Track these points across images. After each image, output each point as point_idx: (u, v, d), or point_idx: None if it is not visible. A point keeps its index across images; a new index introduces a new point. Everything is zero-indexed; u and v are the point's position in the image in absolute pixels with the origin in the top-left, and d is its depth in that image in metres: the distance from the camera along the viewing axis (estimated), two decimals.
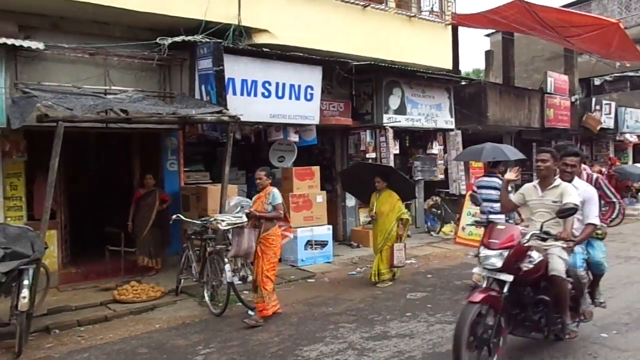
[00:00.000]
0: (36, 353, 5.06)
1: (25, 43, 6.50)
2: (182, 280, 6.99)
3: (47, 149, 7.41)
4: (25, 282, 4.99)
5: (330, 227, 9.08)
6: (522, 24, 11.83)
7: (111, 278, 7.60)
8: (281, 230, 6.07)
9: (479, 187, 7.23)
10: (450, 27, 11.50)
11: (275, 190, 5.98)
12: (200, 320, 6.00)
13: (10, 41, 6.32)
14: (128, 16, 7.26)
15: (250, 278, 6.68)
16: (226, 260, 6.10)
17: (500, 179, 7.13)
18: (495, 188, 6.91)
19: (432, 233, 11.72)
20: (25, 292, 4.92)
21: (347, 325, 5.56)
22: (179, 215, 7.18)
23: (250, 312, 6.06)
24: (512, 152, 8.52)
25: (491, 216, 6.50)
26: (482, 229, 4.61)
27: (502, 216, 6.59)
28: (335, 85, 10.23)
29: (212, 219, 6.36)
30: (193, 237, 6.95)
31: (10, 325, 4.99)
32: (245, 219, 6.03)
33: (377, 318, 5.82)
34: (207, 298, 6.38)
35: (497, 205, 6.69)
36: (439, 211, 12.02)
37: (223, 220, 6.14)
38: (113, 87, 7.51)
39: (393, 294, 6.89)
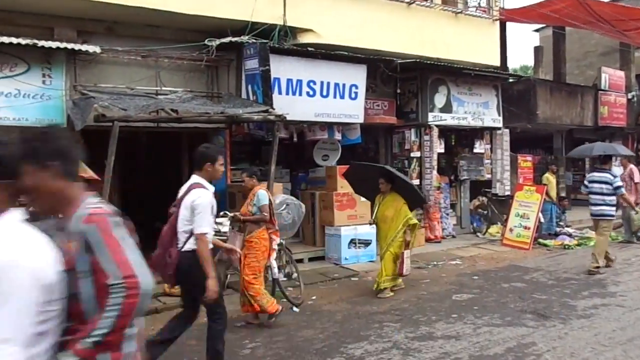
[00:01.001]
0: None
1: (84, 47, 6.83)
2: (229, 276, 7.15)
3: (102, 148, 7.78)
4: None
5: (374, 225, 9.03)
6: (575, 18, 11.40)
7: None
8: (268, 233, 5.70)
9: (591, 182, 7.86)
10: (497, 22, 11.23)
11: (261, 192, 5.73)
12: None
13: (70, 45, 6.66)
14: (178, 19, 7.49)
15: (295, 275, 6.78)
16: (273, 257, 6.19)
17: (612, 174, 7.48)
18: (606, 183, 7.60)
19: (478, 234, 11.48)
20: None
21: (391, 325, 5.55)
22: (225, 212, 7.33)
23: (295, 309, 6.15)
24: (622, 149, 9.36)
25: (604, 208, 7.55)
26: (529, 230, 4.56)
27: (613, 209, 7.60)
28: (379, 84, 10.19)
29: None
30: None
31: None
32: (225, 228, 5.78)
33: (422, 318, 5.77)
34: None
35: (609, 199, 7.63)
36: (485, 212, 11.77)
37: None
38: (164, 88, 7.77)
39: (438, 294, 6.81)
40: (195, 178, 4.06)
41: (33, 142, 1.84)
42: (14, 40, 6.20)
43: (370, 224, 7.16)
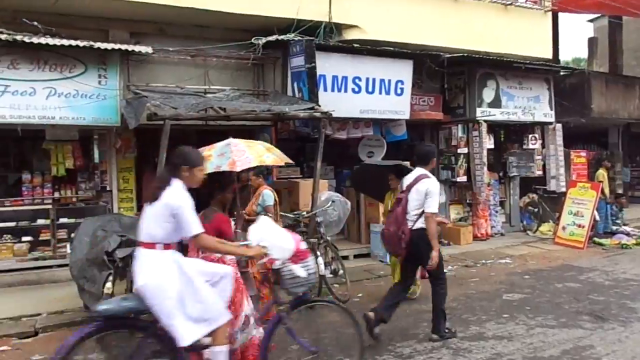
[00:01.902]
0: None
1: (137, 48, 7.05)
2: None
3: (153, 145, 8.00)
4: None
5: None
6: (635, 6, 10.82)
7: None
8: None
9: None
10: (550, 13, 10.82)
11: (267, 191, 5.68)
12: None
13: (124, 47, 6.90)
14: (225, 18, 7.62)
15: (341, 272, 6.77)
16: (318, 253, 6.22)
17: None
18: None
19: (529, 232, 11.13)
20: None
21: None
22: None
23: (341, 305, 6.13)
24: None
25: None
26: (584, 229, 4.39)
27: None
28: (425, 79, 10.03)
29: None
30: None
31: None
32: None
33: (472, 318, 5.64)
34: None
35: None
36: (535, 209, 11.39)
37: None
38: (212, 87, 7.94)
39: (488, 294, 6.65)
40: (420, 170, 4.98)
41: None
42: (73, 42, 6.48)
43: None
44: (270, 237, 3.65)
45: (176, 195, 3.27)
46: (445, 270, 5.33)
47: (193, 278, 3.31)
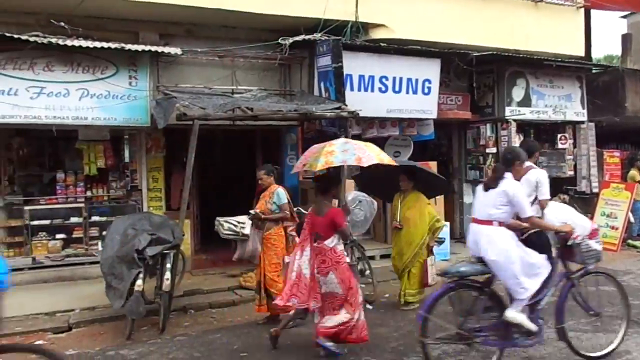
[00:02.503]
0: (176, 330, 5.58)
1: (166, 49, 7.17)
2: None
3: (181, 145, 8.11)
4: (168, 265, 5.54)
5: (448, 224, 8.81)
6: None
7: (236, 265, 8.08)
8: (289, 231, 5.83)
9: None
10: (582, 10, 10.55)
11: (280, 190, 5.68)
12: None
13: (154, 48, 7.02)
14: (252, 19, 7.67)
15: (368, 272, 6.75)
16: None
17: None
18: None
19: None
20: (167, 274, 5.47)
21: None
22: (299, 208, 7.43)
23: (368, 306, 6.11)
24: None
25: None
26: (617, 231, 4.37)
27: None
28: (453, 78, 9.90)
29: (216, 221, 5.89)
30: None
31: (154, 304, 5.56)
32: (247, 230, 5.63)
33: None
34: None
35: None
36: None
37: (222, 225, 5.73)
38: (239, 87, 8.01)
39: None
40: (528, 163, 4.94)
41: None
42: (105, 44, 6.63)
43: (397, 227, 6.22)
44: (572, 217, 4.57)
45: (512, 185, 4.18)
46: None
47: (521, 245, 4.24)
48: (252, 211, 5.67)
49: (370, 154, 4.75)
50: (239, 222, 5.69)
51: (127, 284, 5.31)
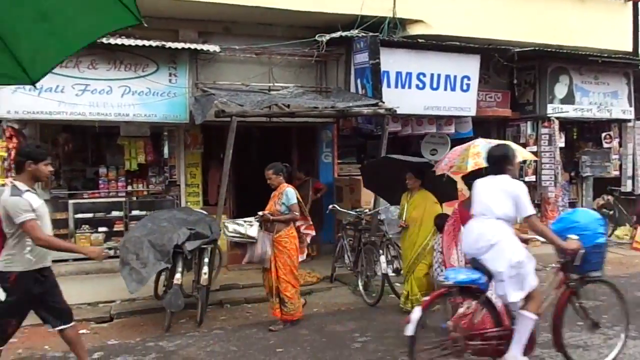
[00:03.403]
0: (213, 323, 5.66)
1: (205, 47, 7.27)
2: (337, 269, 7.23)
3: (218, 141, 8.22)
4: (206, 259, 5.62)
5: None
6: None
7: None
8: (302, 229, 5.64)
9: None
10: (630, 3, 10.12)
11: (290, 189, 5.43)
12: (355, 308, 6.16)
13: (193, 46, 7.13)
14: (290, 16, 7.69)
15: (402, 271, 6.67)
16: (381, 252, 6.16)
17: None
18: None
19: None
20: (205, 269, 5.55)
21: None
22: (334, 205, 7.44)
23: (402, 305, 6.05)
24: None
25: None
26: None
27: None
28: (492, 74, 9.67)
29: (221, 224, 5.80)
30: (347, 227, 7.15)
31: (192, 298, 5.65)
32: (254, 232, 5.35)
33: (543, 324, 5.33)
34: (360, 287, 6.52)
35: None
36: (610, 212, 10.69)
37: (227, 227, 5.49)
38: (276, 84, 8.04)
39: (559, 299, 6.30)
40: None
41: None
42: (146, 43, 6.77)
43: (403, 227, 5.87)
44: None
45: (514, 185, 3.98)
46: None
47: None
48: (260, 212, 5.45)
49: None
50: (245, 222, 5.43)
51: (151, 273, 5.33)
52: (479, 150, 4.86)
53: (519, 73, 9.60)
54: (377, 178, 6.52)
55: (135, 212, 7.87)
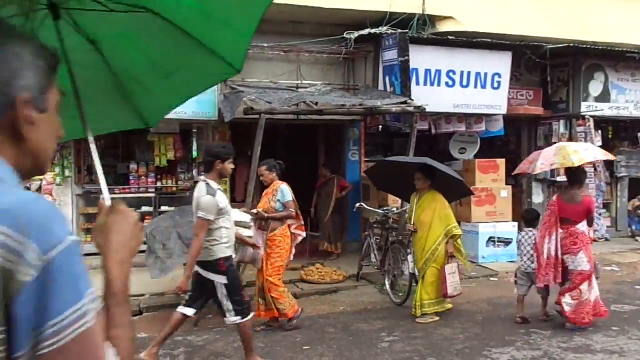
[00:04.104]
0: None
1: None
2: (363, 267, 7.20)
3: (246, 139, 8.26)
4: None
5: (516, 224, 8.46)
6: None
7: (297, 259, 8.15)
8: (293, 229, 5.42)
9: None
10: None
11: (284, 186, 5.25)
12: (381, 307, 6.12)
13: None
14: (319, 14, 7.67)
15: None
16: (409, 251, 6.10)
17: None
18: None
19: (638, 238, 10.16)
20: None
21: (540, 332, 5.13)
22: (361, 204, 7.40)
23: None
24: None
25: None
26: None
27: None
28: (524, 72, 9.46)
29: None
30: (374, 225, 7.10)
31: None
32: (252, 232, 5.02)
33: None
34: (387, 287, 6.47)
35: None
36: None
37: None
38: (304, 82, 8.04)
39: None
40: None
41: None
42: None
43: (412, 231, 5.63)
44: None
45: None
46: None
47: None
48: (254, 210, 5.26)
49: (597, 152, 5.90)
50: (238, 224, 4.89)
51: (175, 264, 5.34)
52: (576, 149, 5.49)
53: (552, 70, 9.37)
54: (387, 180, 6.37)
55: (164, 208, 7.98)
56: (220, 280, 4.09)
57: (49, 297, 0.75)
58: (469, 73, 8.09)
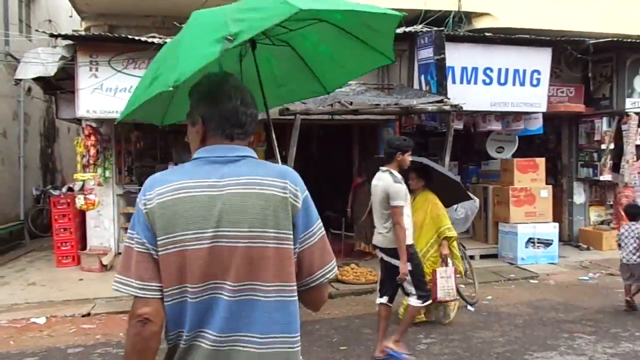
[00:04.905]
0: None
1: None
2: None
3: (280, 139, 8.28)
4: None
5: (557, 225, 8.24)
6: None
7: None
8: None
9: None
10: None
11: None
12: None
13: None
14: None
15: (469, 272, 6.48)
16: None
17: None
18: None
19: None
20: None
21: (584, 337, 4.97)
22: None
23: (470, 307, 5.89)
24: None
25: None
26: None
27: None
28: (564, 68, 9.18)
29: None
30: None
31: None
32: None
33: (623, 334, 5.05)
34: None
35: None
36: None
37: None
38: None
39: None
40: None
41: None
42: None
43: None
44: None
45: None
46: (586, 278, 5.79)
47: None
48: None
49: None
50: None
51: None
52: None
53: (594, 66, 9.07)
54: None
55: None
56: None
57: (307, 216, 1.46)
58: (506, 70, 7.91)
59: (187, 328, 1.36)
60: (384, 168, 4.41)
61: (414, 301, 4.44)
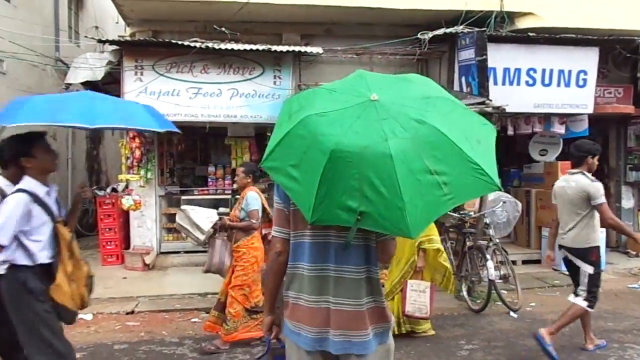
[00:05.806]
0: None
1: (308, 49, 7.41)
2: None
3: None
4: None
5: (604, 230, 7.92)
6: None
7: None
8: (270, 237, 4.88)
9: None
10: None
11: (252, 194, 4.69)
12: (458, 314, 5.94)
13: (297, 48, 7.30)
14: (391, 15, 7.61)
15: (511, 277, 6.33)
16: (488, 256, 5.89)
17: None
18: None
19: None
20: None
21: (636, 347, 4.77)
22: (221, 216, 7.19)
23: (512, 314, 5.75)
24: None
25: None
26: None
27: None
28: (612, 68, 8.86)
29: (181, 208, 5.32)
30: (450, 230, 6.92)
31: None
32: (204, 225, 4.86)
33: None
34: (464, 292, 6.29)
35: None
36: None
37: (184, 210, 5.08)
38: None
39: None
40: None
41: None
42: (254, 47, 7.05)
43: None
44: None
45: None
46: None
47: None
48: (217, 219, 4.96)
49: None
50: (205, 217, 4.94)
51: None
52: None
53: None
54: None
55: None
56: (587, 269, 4.40)
57: None
58: (551, 71, 7.70)
59: (305, 260, 2.13)
60: (574, 170, 4.49)
61: (580, 301, 4.47)
